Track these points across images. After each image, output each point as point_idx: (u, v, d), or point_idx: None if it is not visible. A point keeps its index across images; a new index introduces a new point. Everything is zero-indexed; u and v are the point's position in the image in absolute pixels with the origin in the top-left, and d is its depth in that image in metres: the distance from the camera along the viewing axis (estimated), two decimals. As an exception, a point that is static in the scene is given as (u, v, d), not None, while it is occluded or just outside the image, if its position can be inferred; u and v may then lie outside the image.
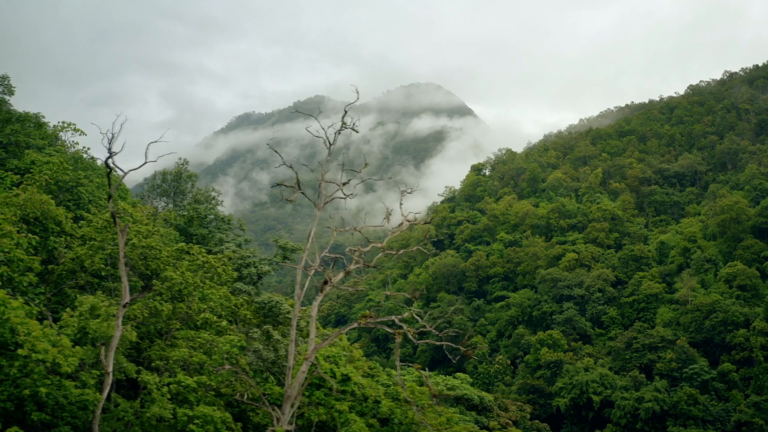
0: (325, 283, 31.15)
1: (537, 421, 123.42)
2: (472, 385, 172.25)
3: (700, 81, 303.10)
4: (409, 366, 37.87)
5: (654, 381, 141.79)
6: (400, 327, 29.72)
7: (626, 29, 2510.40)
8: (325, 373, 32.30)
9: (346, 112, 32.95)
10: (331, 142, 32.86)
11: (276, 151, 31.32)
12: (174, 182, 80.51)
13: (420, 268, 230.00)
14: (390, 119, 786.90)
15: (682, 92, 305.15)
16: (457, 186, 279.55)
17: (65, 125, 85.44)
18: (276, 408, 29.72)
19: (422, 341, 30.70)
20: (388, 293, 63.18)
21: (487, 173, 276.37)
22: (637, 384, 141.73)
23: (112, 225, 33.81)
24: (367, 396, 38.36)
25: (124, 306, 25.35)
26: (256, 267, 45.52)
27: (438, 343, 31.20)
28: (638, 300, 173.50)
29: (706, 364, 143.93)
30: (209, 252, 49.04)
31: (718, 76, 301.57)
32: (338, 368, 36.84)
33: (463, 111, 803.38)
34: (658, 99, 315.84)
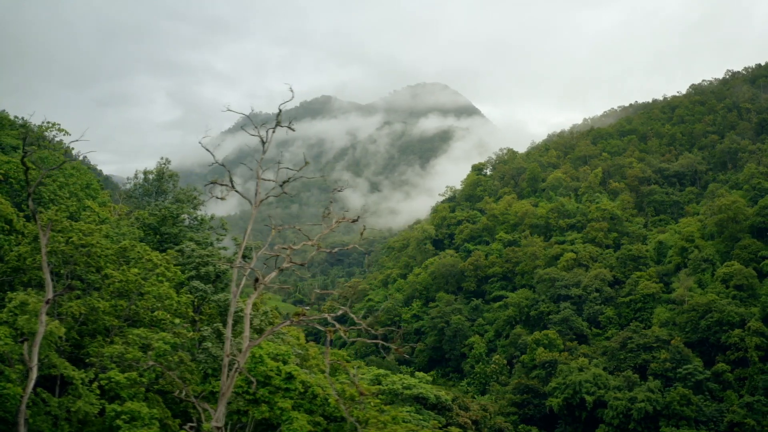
0: (256, 281, 31.37)
1: (499, 418, 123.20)
2: (469, 385, 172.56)
3: (703, 80, 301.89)
4: (334, 362, 38.09)
5: (648, 381, 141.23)
6: (333, 324, 29.94)
7: (631, 28, 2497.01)
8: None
9: (280, 110, 33.13)
10: (265, 141, 32.95)
11: (208, 150, 31.28)
12: (156, 182, 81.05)
13: (419, 268, 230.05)
14: (397, 119, 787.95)
15: (686, 92, 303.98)
16: (459, 186, 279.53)
17: (50, 125, 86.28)
18: (209, 405, 29.97)
19: (355, 339, 30.91)
20: (318, 291, 62.73)
21: (488, 173, 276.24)
22: (631, 384, 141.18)
23: (58, 222, 34.19)
24: (316, 394, 38.63)
25: (47, 302, 25.66)
26: (214, 266, 45.82)
27: (371, 341, 31.40)
28: (635, 300, 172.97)
29: (701, 365, 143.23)
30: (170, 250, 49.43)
31: (722, 75, 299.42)
32: (285, 366, 37.14)
33: (470, 111, 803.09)
34: (661, 98, 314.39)
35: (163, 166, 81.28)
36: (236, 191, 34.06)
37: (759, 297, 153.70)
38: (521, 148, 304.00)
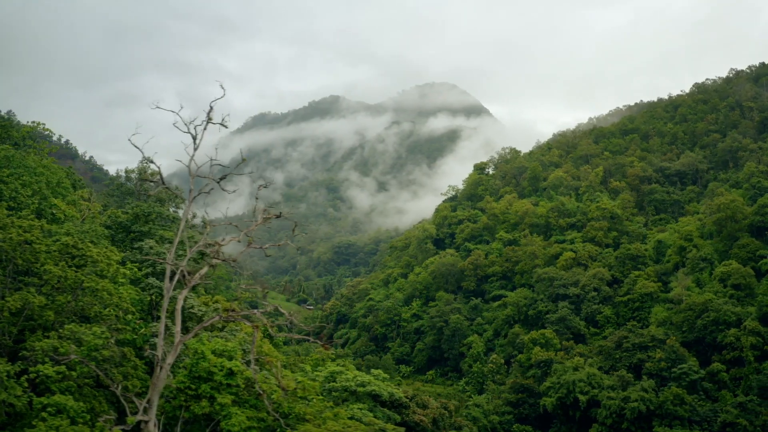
0: (184, 276, 31.84)
1: (461, 419, 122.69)
2: (467, 385, 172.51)
3: (706, 79, 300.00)
4: (261, 357, 38.39)
5: (642, 381, 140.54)
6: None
7: (639, 27, 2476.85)
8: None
9: (212, 107, 33.57)
10: (194, 136, 33.32)
11: (137, 147, 31.69)
12: (138, 181, 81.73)
13: (420, 267, 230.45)
14: (405, 118, 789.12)
15: (689, 90, 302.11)
16: (461, 185, 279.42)
17: (36, 125, 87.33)
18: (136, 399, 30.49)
19: (281, 335, 31.31)
20: (243, 287, 62.20)
21: (491, 172, 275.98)
22: (625, 384, 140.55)
23: None
24: (263, 390, 38.99)
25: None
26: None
27: (298, 337, 31.78)
28: (633, 299, 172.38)
29: (696, 364, 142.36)
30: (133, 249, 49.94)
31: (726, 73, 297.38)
32: (228, 362, 37.53)
33: (478, 110, 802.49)
34: (666, 97, 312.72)
35: (144, 165, 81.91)
36: (166, 188, 34.52)
37: (756, 296, 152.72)
38: (528, 148, 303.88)
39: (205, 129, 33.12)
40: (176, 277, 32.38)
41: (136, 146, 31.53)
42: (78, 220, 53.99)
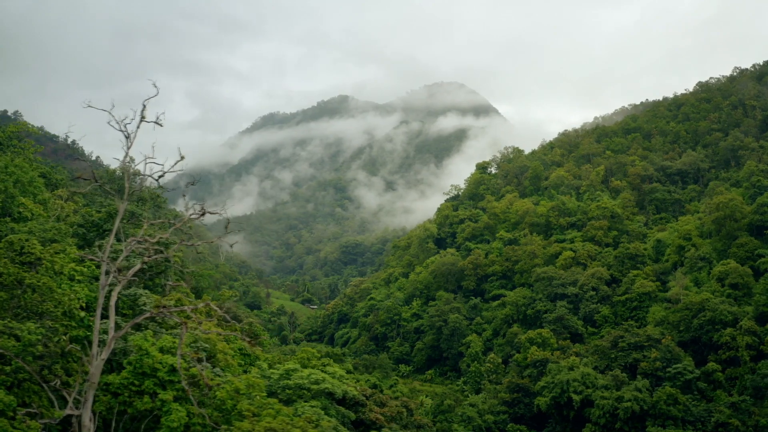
0: (119, 272, 32.28)
1: (419, 416, 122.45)
2: (465, 384, 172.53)
3: (710, 78, 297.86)
4: (186, 354, 38.71)
5: (636, 380, 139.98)
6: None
7: (646, 27, 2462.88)
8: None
9: (144, 106, 33.95)
10: (127, 134, 33.65)
11: (73, 148, 32.01)
12: (120, 180, 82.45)
13: (421, 267, 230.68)
14: (413, 118, 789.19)
15: (693, 89, 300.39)
16: (463, 185, 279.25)
17: (23, 125, 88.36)
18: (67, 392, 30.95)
19: (211, 331, 31.68)
20: (170, 284, 62.06)
21: (493, 171, 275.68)
22: (619, 383, 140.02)
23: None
24: (210, 387, 39.42)
25: None
26: (127, 260, 46.76)
27: (224, 333, 32.09)
28: (631, 299, 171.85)
29: (691, 364, 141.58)
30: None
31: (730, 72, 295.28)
32: (172, 358, 37.97)
33: (487, 110, 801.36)
34: (671, 96, 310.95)
35: (128, 164, 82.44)
36: (100, 186, 34.92)
37: (753, 296, 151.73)
38: (535, 147, 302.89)
39: (138, 128, 33.48)
40: (111, 274, 32.80)
41: (74, 149, 31.89)
42: (45, 218, 54.71)
